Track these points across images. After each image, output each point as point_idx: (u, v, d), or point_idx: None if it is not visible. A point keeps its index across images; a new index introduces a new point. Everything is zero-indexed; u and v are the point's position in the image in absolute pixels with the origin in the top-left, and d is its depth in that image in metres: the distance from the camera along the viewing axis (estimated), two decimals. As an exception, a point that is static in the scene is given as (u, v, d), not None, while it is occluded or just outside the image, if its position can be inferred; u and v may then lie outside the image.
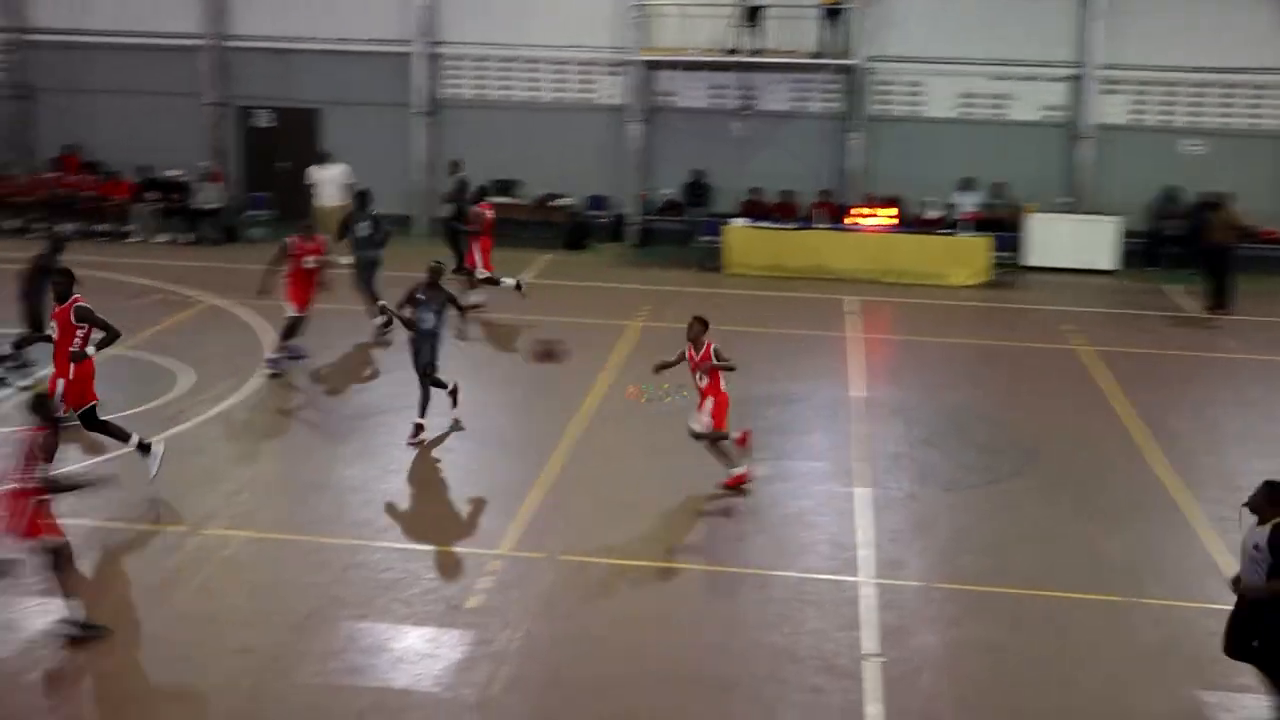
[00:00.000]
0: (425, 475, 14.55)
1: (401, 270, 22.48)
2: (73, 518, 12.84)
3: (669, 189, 27.74)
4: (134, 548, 12.57)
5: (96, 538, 12.65)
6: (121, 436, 13.84)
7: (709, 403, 13.89)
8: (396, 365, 18.35)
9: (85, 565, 12.02)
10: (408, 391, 17.15)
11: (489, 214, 21.70)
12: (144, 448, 13.78)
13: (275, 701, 10.08)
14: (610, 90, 27.63)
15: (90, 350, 13.60)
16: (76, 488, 11.01)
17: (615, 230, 27.65)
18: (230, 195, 27.55)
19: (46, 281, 15.91)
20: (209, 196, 26.41)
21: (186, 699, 10.10)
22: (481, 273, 21.40)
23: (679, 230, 27.25)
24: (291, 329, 18.00)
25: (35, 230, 26.24)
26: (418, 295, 15.46)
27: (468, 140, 27.63)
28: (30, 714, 9.78)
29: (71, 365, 13.51)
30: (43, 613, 10.94)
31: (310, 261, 18.05)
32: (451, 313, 15.87)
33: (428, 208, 27.83)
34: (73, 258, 23.90)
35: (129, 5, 28.00)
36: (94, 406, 13.69)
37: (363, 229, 19.96)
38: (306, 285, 18.07)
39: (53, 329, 13.97)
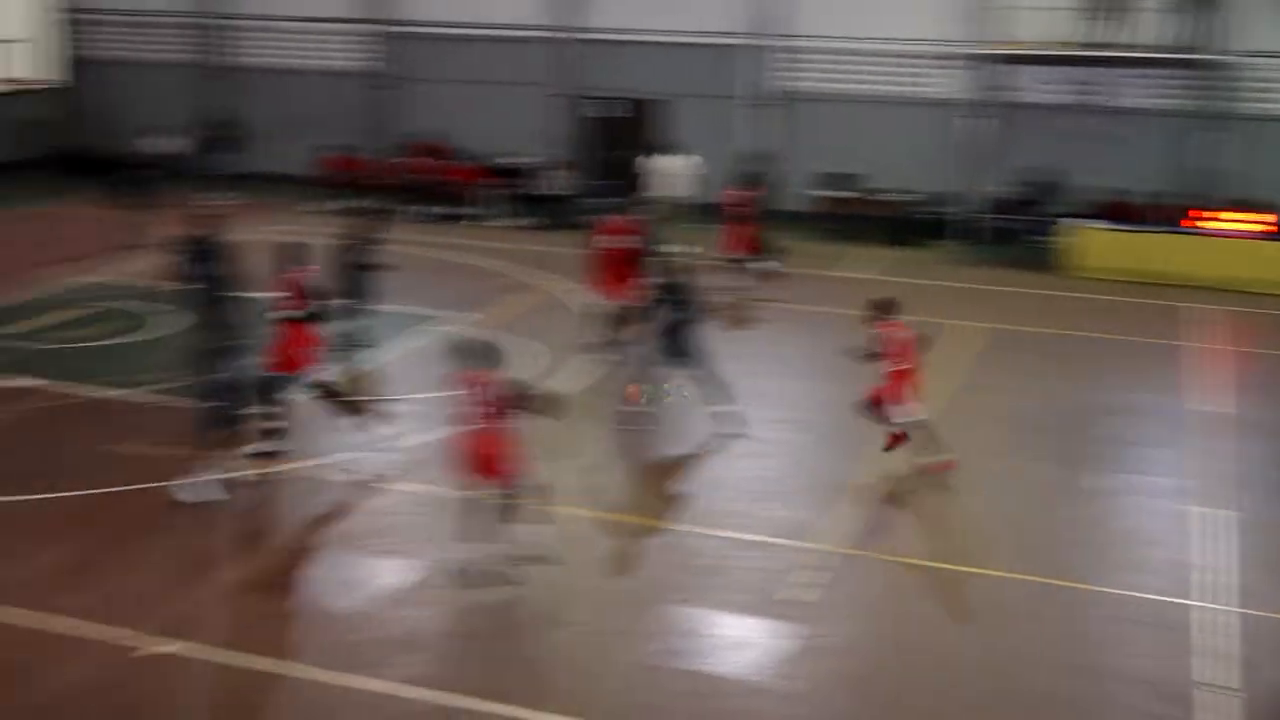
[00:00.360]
0: (752, 464, 14.74)
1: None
2: (423, 485, 13.69)
3: (1005, 187, 27.08)
4: (484, 518, 13.17)
5: (446, 506, 13.39)
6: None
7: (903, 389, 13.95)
8: (714, 354, 18.64)
9: (429, 531, 12.79)
10: (731, 379, 17.43)
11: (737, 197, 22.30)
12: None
13: (596, 677, 10.45)
14: (949, 84, 27.18)
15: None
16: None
17: (948, 228, 27.19)
18: (574, 183, 28.50)
19: (353, 255, 17.32)
20: (554, 183, 27.38)
21: (529, 664, 10.62)
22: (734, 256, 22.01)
23: (1015, 229, 26.59)
24: (618, 321, 17.75)
25: (392, 211, 27.88)
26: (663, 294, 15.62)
27: (803, 133, 27.73)
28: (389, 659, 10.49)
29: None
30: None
31: (614, 242, 17.64)
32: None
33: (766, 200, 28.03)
34: (423, 238, 25.43)
35: (485, 0, 29.32)
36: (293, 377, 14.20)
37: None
38: (619, 271, 17.50)
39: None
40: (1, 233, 25.31)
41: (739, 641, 10.89)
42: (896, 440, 14.41)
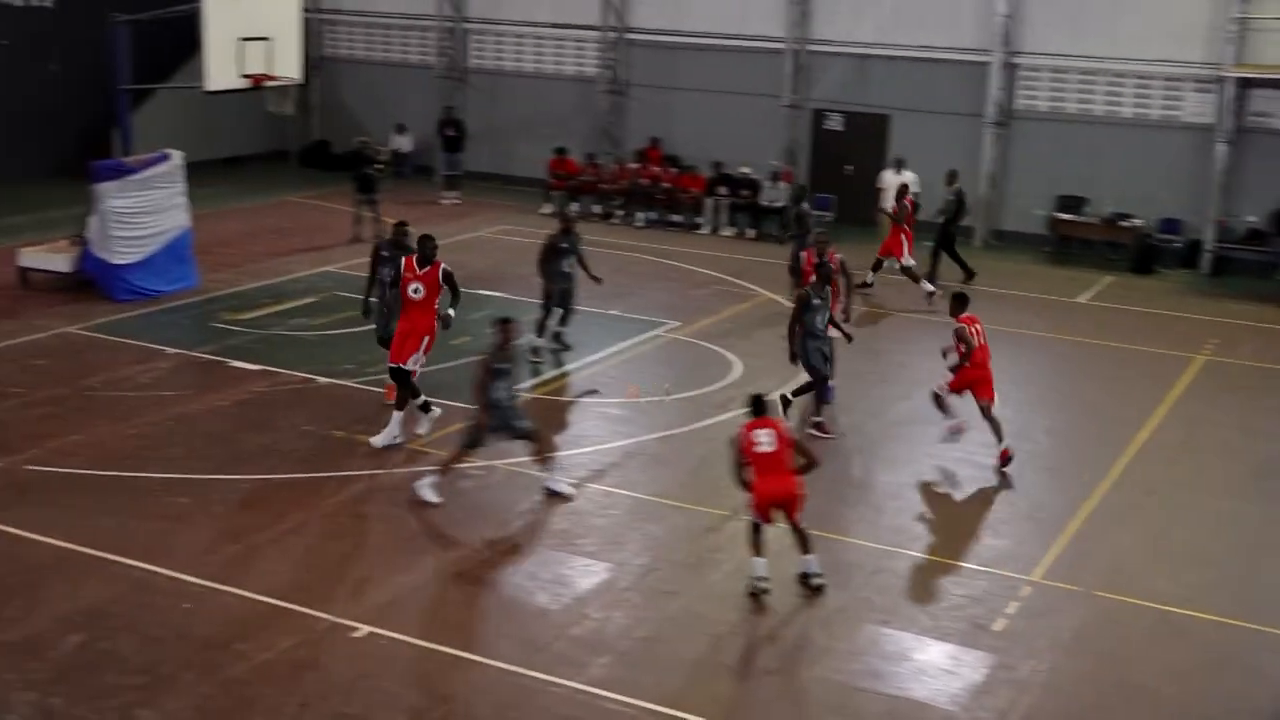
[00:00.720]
0: (962, 490, 14.35)
1: (953, 281, 22.36)
2: (625, 489, 13.73)
3: (1253, 216, 25.82)
4: (675, 524, 13.17)
5: (643, 510, 13.41)
6: (415, 395, 14.79)
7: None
8: (937, 377, 18.23)
9: (633, 534, 12.80)
10: (951, 403, 17.04)
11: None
12: (425, 407, 14.91)
13: (796, 692, 10.31)
14: (1197, 108, 26.04)
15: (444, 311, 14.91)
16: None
17: (1187, 256, 26.05)
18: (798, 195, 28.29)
19: (560, 259, 17.79)
20: (777, 194, 27.23)
21: (709, 671, 10.51)
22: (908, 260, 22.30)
23: (1261, 261, 25.33)
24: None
25: (616, 217, 28.15)
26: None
27: (1035, 153, 26.98)
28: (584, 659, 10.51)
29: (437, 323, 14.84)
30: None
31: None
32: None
33: (991, 219, 27.42)
34: (646, 244, 25.59)
35: (720, 9, 29.36)
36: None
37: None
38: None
39: (419, 289, 14.67)
40: (241, 223, 26.38)
41: (939, 668, 10.58)
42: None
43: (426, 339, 14.77)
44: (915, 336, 20.20)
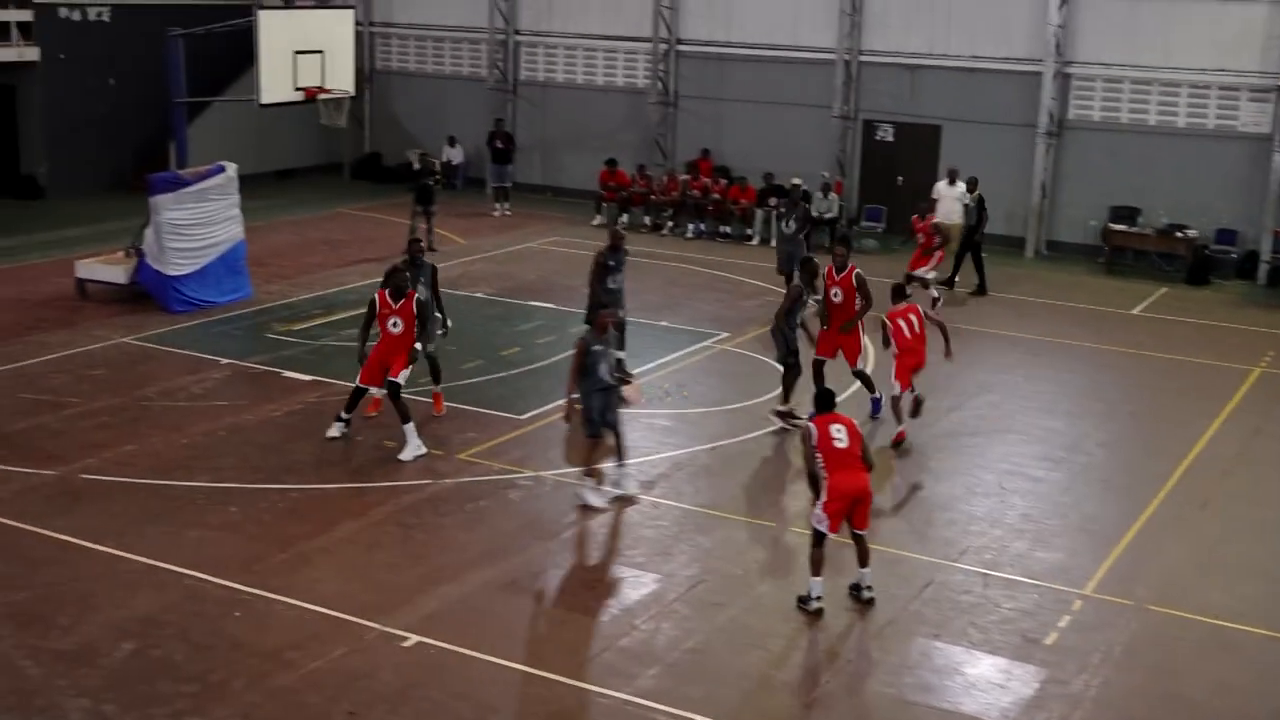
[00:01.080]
0: (1013, 502, 14.22)
1: (1005, 291, 22.25)
2: (674, 500, 13.71)
3: (1312, 228, 25.46)
4: (724, 535, 13.14)
5: (692, 521, 13.39)
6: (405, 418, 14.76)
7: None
8: (987, 388, 18.11)
9: (681, 545, 12.78)
10: (1001, 415, 16.94)
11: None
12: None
13: (846, 705, 10.24)
14: (1253, 118, 25.72)
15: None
16: None
17: (1243, 267, 25.74)
18: (846, 206, 28.22)
19: (608, 275, 17.49)
20: (827, 205, 27.14)
21: (759, 684, 10.46)
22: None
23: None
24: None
25: (666, 229, 28.16)
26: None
27: (1088, 164, 26.77)
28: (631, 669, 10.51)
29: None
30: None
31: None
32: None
33: (1045, 230, 27.22)
34: (696, 255, 25.58)
35: (771, 20, 29.33)
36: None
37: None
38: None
39: (397, 323, 14.80)
40: (294, 235, 26.58)
41: (990, 682, 10.48)
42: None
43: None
44: (961, 347, 20.05)
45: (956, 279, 23.71)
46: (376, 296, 15.02)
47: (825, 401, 12.03)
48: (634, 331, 19.29)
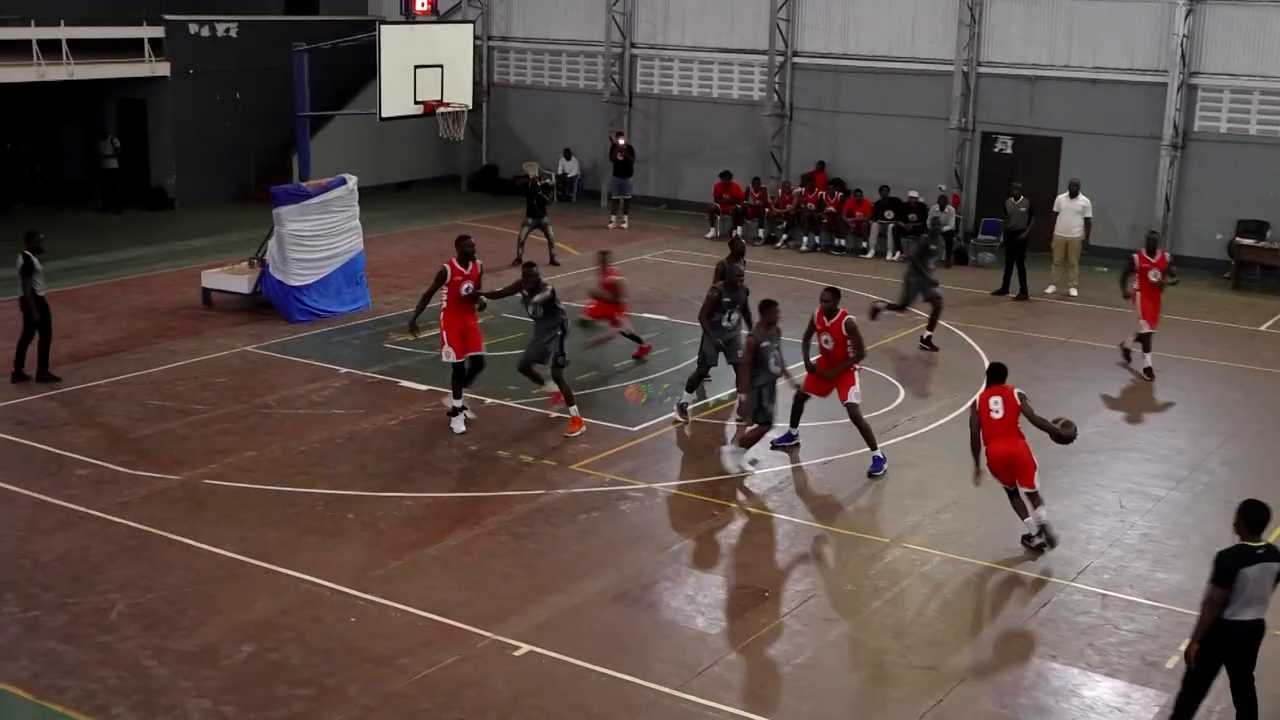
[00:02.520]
0: (1133, 522, 13.93)
1: (1128, 306, 21.80)
2: (786, 514, 13.63)
3: None
4: (836, 550, 13.06)
5: (804, 535, 13.33)
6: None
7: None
8: (1108, 404, 17.78)
9: (793, 559, 12.72)
10: (1123, 432, 16.65)
11: None
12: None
13: (956, 725, 10.13)
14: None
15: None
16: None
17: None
18: (962, 219, 27.90)
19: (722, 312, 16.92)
20: (944, 219, 26.85)
21: (869, 700, 10.37)
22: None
23: None
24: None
25: (780, 241, 28.08)
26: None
27: (1214, 176, 26.17)
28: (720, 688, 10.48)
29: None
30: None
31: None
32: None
33: (1169, 244, 26.60)
34: (810, 268, 25.45)
35: (888, 31, 29.13)
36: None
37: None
38: None
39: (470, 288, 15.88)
40: (412, 246, 26.94)
41: (1108, 704, 10.29)
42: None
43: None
44: (1081, 363, 19.74)
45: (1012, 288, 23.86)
46: (446, 265, 15.86)
47: (994, 375, 13.25)
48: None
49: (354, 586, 11.81)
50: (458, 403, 15.95)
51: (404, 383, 17.67)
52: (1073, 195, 24.22)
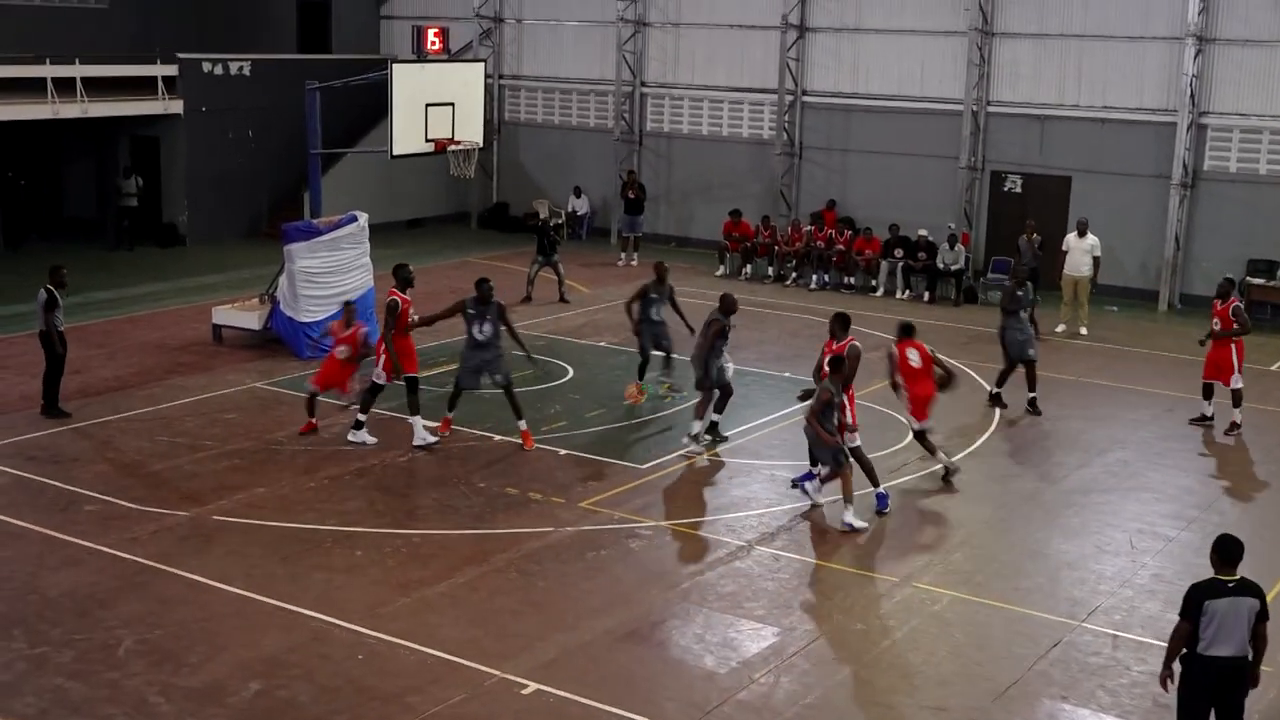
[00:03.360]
0: (1144, 562, 13.87)
1: (1137, 345, 21.78)
2: (795, 552, 13.61)
3: None
4: (846, 589, 13.00)
5: (813, 574, 13.28)
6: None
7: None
8: (1118, 443, 17.72)
9: (802, 599, 12.66)
10: (1130, 471, 16.62)
11: None
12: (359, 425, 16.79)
13: (966, 767, 10.05)
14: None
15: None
16: None
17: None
18: (972, 258, 27.92)
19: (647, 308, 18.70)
20: (953, 257, 26.88)
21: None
22: None
23: None
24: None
25: (790, 280, 28.11)
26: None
27: (1224, 216, 26.21)
28: (738, 730, 10.42)
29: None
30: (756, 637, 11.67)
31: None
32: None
33: (1178, 283, 26.64)
34: (819, 306, 25.46)
35: (898, 71, 29.26)
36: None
37: None
38: None
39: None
40: (422, 284, 26.85)
41: (1121, 748, 10.20)
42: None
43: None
44: (1091, 402, 19.70)
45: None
46: (396, 298, 16.72)
47: (905, 331, 15.90)
48: (756, 382, 19.37)
49: (362, 624, 11.78)
50: (363, 417, 16.83)
51: (411, 419, 17.63)
52: (1081, 234, 24.23)
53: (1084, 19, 27.23)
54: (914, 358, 15.83)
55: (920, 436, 16.06)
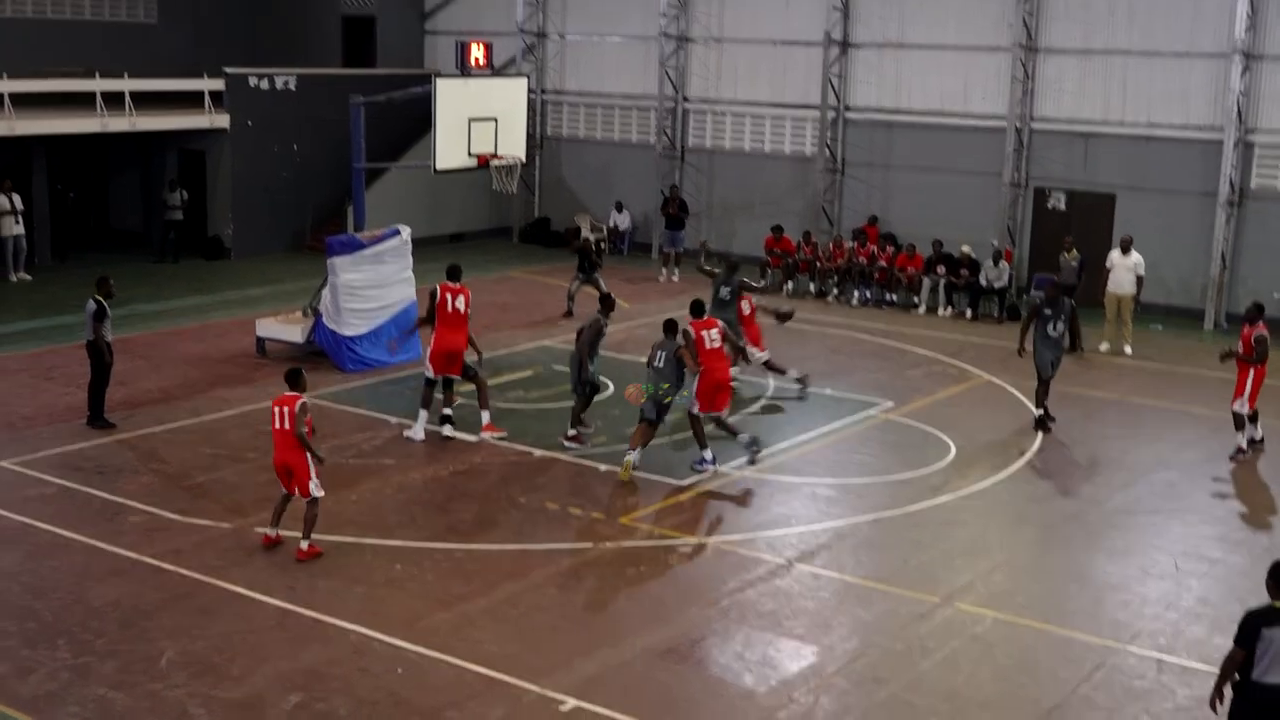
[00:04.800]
0: (1189, 584, 13.72)
1: (1182, 365, 21.57)
2: (835, 571, 13.55)
3: None
4: (886, 609, 12.93)
5: (853, 593, 13.22)
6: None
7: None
8: (1164, 464, 17.55)
9: (841, 618, 12.61)
10: (1176, 492, 16.46)
11: None
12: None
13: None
14: None
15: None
16: None
17: None
18: (1015, 275, 27.76)
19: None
20: (996, 274, 26.74)
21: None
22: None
23: None
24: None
25: (831, 296, 28.03)
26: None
27: (1273, 233, 25.94)
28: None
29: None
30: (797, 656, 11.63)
31: None
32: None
33: (1225, 302, 26.39)
34: (861, 323, 25.36)
35: (942, 87, 29.13)
36: None
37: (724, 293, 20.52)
38: None
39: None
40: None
41: (1165, 773, 10.09)
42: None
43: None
44: (1136, 422, 19.53)
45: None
46: (437, 287, 17.79)
47: (696, 311, 16.56)
48: (797, 398, 19.29)
49: (402, 637, 11.80)
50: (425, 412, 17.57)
51: (453, 434, 17.69)
52: (1124, 252, 24.03)
53: (1129, 35, 27.07)
54: (712, 338, 16.42)
55: (720, 421, 16.67)
